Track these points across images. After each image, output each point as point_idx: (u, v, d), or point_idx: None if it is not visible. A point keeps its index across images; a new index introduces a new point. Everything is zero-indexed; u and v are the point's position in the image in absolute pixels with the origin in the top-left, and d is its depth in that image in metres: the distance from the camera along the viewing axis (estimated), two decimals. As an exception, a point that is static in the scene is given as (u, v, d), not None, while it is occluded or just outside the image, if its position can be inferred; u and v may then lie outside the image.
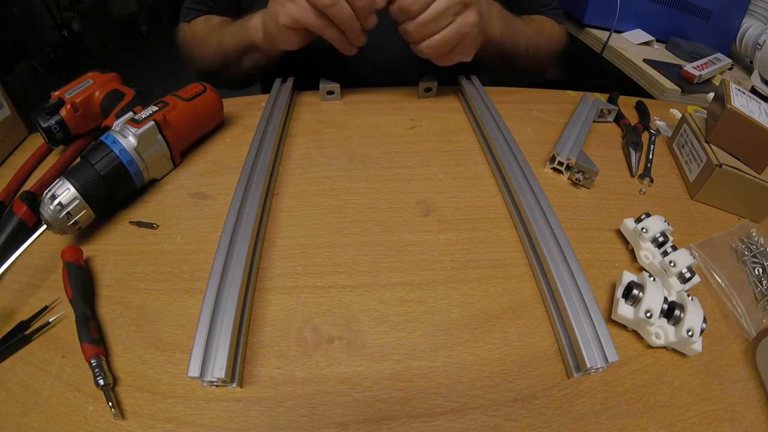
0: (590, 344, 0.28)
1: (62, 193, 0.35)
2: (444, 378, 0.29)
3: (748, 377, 0.30)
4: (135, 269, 0.35)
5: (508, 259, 0.37)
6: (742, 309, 0.34)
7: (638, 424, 0.27)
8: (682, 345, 0.30)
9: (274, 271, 0.35)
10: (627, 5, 0.86)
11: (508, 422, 0.27)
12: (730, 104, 0.41)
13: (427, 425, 0.27)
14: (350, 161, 0.46)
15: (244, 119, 0.53)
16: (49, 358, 0.29)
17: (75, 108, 0.45)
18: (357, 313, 0.32)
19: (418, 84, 0.56)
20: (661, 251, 0.36)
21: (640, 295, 0.31)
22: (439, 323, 0.32)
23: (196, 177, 0.44)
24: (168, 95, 0.45)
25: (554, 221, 0.35)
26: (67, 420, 0.26)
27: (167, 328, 0.31)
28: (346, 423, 0.27)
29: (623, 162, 0.49)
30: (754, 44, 0.80)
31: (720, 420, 0.28)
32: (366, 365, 0.29)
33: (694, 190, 0.44)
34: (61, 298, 0.33)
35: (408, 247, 0.37)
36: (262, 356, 0.30)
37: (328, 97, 0.56)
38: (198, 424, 0.26)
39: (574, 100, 0.59)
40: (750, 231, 0.40)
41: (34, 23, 2.30)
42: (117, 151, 0.38)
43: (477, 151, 0.48)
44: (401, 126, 0.51)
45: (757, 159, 0.41)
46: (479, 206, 0.41)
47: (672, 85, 0.71)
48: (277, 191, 0.42)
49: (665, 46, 0.88)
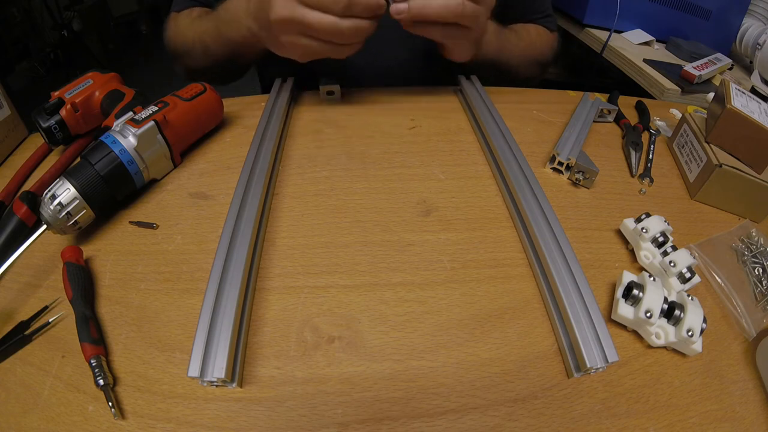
0: (590, 344, 0.28)
1: (62, 193, 0.34)
2: (444, 378, 0.29)
3: (748, 377, 0.30)
4: (135, 269, 0.35)
5: (508, 259, 0.37)
6: (742, 309, 0.34)
7: (638, 424, 0.27)
8: (682, 345, 0.30)
9: (274, 271, 0.35)
10: (627, 5, 0.86)
11: (508, 422, 0.27)
12: (730, 104, 0.41)
13: (427, 425, 0.27)
14: (350, 161, 0.46)
15: (244, 119, 0.53)
16: (49, 358, 0.29)
17: (75, 108, 0.45)
18: (357, 313, 0.32)
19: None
20: (661, 251, 0.36)
21: (640, 295, 0.31)
22: (439, 323, 0.32)
23: (196, 177, 0.44)
24: (168, 95, 0.45)
25: (554, 221, 0.35)
26: (67, 420, 0.26)
27: (167, 328, 0.31)
28: (346, 423, 0.27)
29: (623, 162, 0.49)
30: (754, 44, 0.80)
31: (720, 420, 0.28)
32: (366, 365, 0.29)
33: (694, 190, 0.44)
34: (61, 298, 0.33)
35: (408, 247, 0.37)
36: (262, 356, 0.30)
37: (328, 97, 0.56)
38: (198, 424, 0.26)
39: (574, 100, 0.59)
40: (750, 231, 0.40)
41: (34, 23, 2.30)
42: (117, 151, 0.38)
43: (477, 151, 0.48)
44: (401, 126, 0.51)
45: (757, 159, 0.41)
46: (479, 206, 0.41)
47: (672, 85, 0.71)
48: (277, 191, 0.42)
49: (665, 46, 0.88)
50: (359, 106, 0.55)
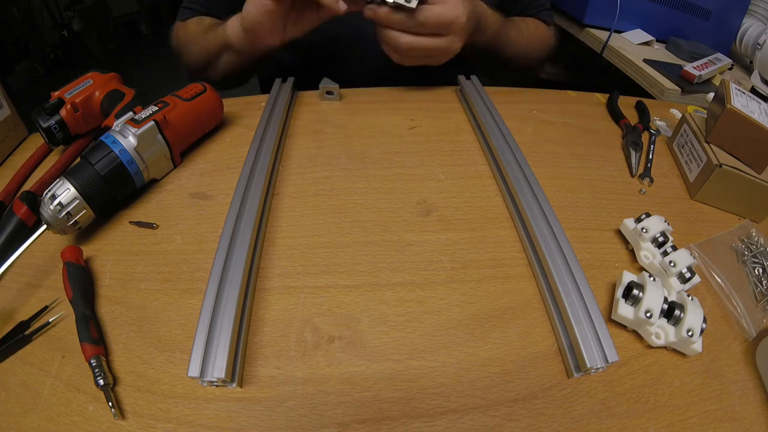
0: (590, 344, 0.28)
1: (62, 193, 0.35)
2: (444, 378, 0.29)
3: (748, 377, 0.30)
4: (135, 269, 0.35)
5: (508, 259, 0.37)
6: (742, 309, 0.34)
7: (638, 424, 0.27)
8: (682, 345, 0.30)
9: (274, 271, 0.35)
10: (627, 5, 0.86)
11: (508, 422, 0.27)
12: (730, 104, 0.41)
13: (427, 425, 0.27)
14: (350, 161, 0.46)
15: (244, 119, 0.53)
16: (49, 358, 0.29)
17: (75, 108, 0.45)
18: (357, 313, 0.32)
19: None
20: (661, 251, 0.36)
21: (640, 295, 0.31)
22: (439, 323, 0.32)
23: (196, 177, 0.44)
24: (168, 95, 0.45)
25: (554, 221, 0.35)
26: (67, 420, 0.26)
27: (167, 328, 0.31)
28: (346, 423, 0.27)
29: (623, 162, 0.49)
30: (754, 44, 0.80)
31: (720, 420, 0.28)
32: (366, 365, 0.29)
33: (694, 190, 0.44)
34: (61, 298, 0.33)
35: (408, 247, 0.37)
36: (262, 356, 0.30)
37: (328, 97, 0.56)
38: (198, 424, 0.26)
39: (574, 100, 0.59)
40: (750, 231, 0.40)
41: (34, 23, 2.30)
42: (117, 151, 0.38)
43: (477, 151, 0.48)
44: (401, 126, 0.51)
45: (757, 159, 0.41)
46: (479, 206, 0.41)
47: (672, 85, 0.71)
48: (277, 191, 0.42)
49: (665, 46, 0.88)
50: (359, 106, 0.55)
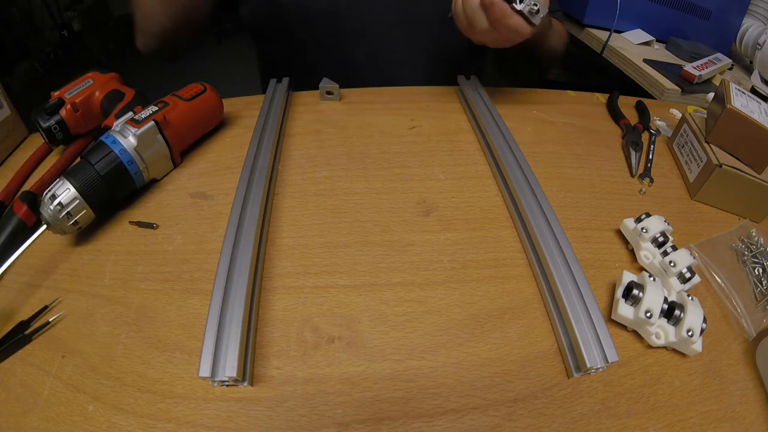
0: (590, 344, 0.28)
1: (62, 193, 0.34)
2: (444, 378, 0.29)
3: (748, 377, 0.30)
4: (135, 269, 0.35)
5: (508, 259, 0.37)
6: (742, 309, 0.34)
7: (638, 424, 0.27)
8: (682, 345, 0.30)
9: (274, 271, 0.35)
10: (627, 5, 0.86)
11: (508, 422, 0.27)
12: (730, 104, 0.41)
13: (427, 425, 0.27)
14: (350, 161, 0.46)
15: (243, 119, 0.53)
16: (49, 358, 0.29)
17: (75, 108, 0.45)
18: (357, 313, 0.32)
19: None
20: (661, 251, 0.36)
21: (640, 295, 0.31)
22: (439, 323, 0.32)
23: (196, 177, 0.44)
24: (168, 95, 0.45)
25: (554, 221, 0.35)
26: (67, 420, 0.26)
27: (167, 328, 0.31)
28: (346, 423, 0.27)
29: (623, 162, 0.49)
30: (754, 44, 0.80)
31: (720, 420, 0.28)
32: (366, 365, 0.29)
33: (694, 190, 0.44)
34: (61, 297, 0.33)
35: (408, 247, 0.37)
36: (261, 356, 0.30)
37: (328, 97, 0.56)
38: (198, 424, 0.26)
39: (574, 100, 0.59)
40: (750, 231, 0.40)
41: (34, 23, 2.30)
42: (117, 151, 0.38)
43: (477, 151, 0.48)
44: (401, 126, 0.51)
45: (757, 159, 0.41)
46: (479, 206, 0.41)
47: (672, 85, 0.71)
48: (277, 191, 0.42)
49: (665, 46, 0.88)
50: (359, 106, 0.55)
